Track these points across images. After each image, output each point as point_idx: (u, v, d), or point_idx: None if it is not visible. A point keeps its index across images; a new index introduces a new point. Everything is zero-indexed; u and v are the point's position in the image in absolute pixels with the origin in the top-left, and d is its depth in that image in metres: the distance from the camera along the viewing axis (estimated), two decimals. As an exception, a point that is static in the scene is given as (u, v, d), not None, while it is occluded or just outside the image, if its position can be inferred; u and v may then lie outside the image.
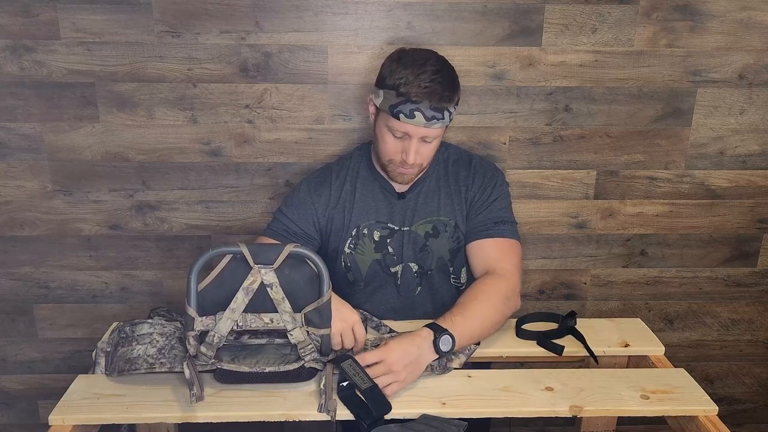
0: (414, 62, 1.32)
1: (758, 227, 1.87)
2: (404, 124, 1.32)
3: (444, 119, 1.33)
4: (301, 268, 1.22)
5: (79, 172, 1.73)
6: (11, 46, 1.61)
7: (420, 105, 1.30)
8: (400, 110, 1.31)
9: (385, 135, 1.37)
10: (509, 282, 1.38)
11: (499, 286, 1.36)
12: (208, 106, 1.68)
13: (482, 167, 1.50)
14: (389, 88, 1.32)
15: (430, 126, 1.32)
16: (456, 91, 1.35)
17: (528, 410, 1.17)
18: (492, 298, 1.34)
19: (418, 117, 1.30)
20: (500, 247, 1.44)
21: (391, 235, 1.48)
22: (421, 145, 1.36)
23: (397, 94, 1.31)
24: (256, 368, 1.18)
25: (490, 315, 1.33)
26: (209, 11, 1.60)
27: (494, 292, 1.35)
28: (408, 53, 1.36)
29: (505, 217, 1.47)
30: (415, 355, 1.20)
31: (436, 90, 1.30)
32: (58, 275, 1.82)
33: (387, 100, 1.33)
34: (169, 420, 1.15)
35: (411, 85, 1.29)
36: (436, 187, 1.48)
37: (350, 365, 1.18)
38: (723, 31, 1.68)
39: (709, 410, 1.18)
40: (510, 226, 1.46)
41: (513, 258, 1.43)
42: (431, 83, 1.29)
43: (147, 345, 1.23)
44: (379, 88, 1.36)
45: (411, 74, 1.30)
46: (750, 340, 2.00)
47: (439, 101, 1.30)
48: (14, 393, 1.95)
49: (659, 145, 1.77)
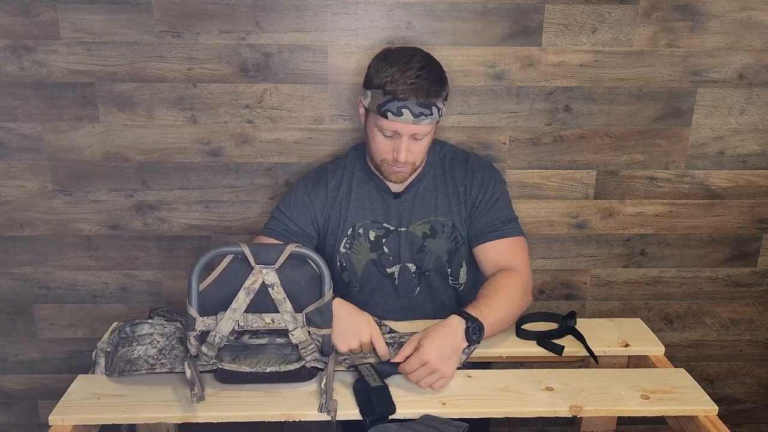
0: (399, 60, 1.32)
1: (758, 227, 1.87)
2: (393, 122, 1.31)
3: (432, 115, 1.32)
4: (302, 268, 1.22)
5: (79, 172, 1.73)
6: (11, 46, 1.61)
7: (407, 102, 1.29)
8: (388, 108, 1.30)
9: (376, 135, 1.36)
10: (523, 277, 1.41)
11: (515, 280, 1.39)
12: (208, 106, 1.68)
13: (479, 166, 1.50)
14: (376, 87, 1.32)
15: (418, 122, 1.31)
16: (444, 86, 1.35)
17: (528, 410, 1.17)
18: (512, 291, 1.36)
19: (406, 114, 1.30)
20: (510, 246, 1.45)
21: (387, 235, 1.47)
22: (412, 143, 1.35)
23: (384, 92, 1.30)
24: (257, 368, 1.18)
25: (511, 307, 1.36)
26: (209, 11, 1.60)
27: (513, 286, 1.37)
28: (393, 52, 1.36)
29: (509, 215, 1.49)
30: (452, 347, 1.22)
31: (423, 86, 1.29)
32: (58, 275, 1.82)
33: (375, 100, 1.32)
34: (170, 420, 1.15)
35: (397, 82, 1.29)
36: (432, 187, 1.48)
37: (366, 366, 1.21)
38: (723, 31, 1.68)
39: (709, 410, 1.18)
40: (515, 224, 1.48)
41: (523, 255, 1.46)
42: (417, 79, 1.29)
43: (147, 345, 1.23)
44: (367, 88, 1.36)
45: (397, 72, 1.30)
46: (750, 340, 2.00)
47: (427, 96, 1.30)
48: (14, 393, 1.95)
49: (659, 145, 1.77)
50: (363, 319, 1.29)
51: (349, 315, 1.29)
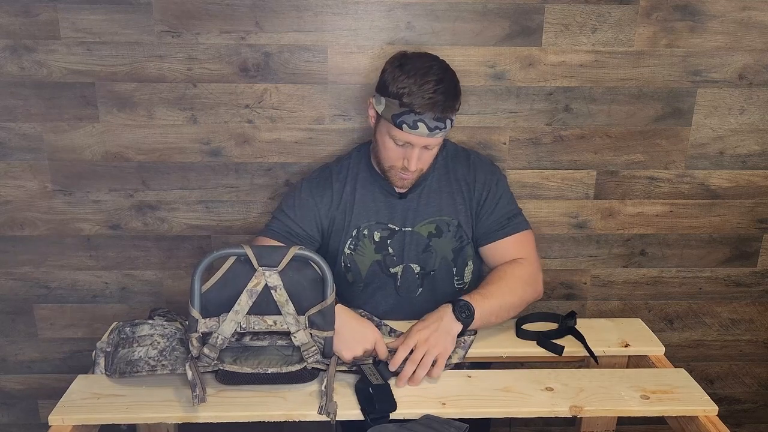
0: (417, 71, 1.30)
1: (758, 227, 1.87)
2: (407, 134, 1.31)
3: (446, 128, 1.33)
4: (305, 270, 1.22)
5: (79, 172, 1.73)
6: (11, 46, 1.61)
7: (423, 116, 1.29)
8: (404, 121, 1.30)
9: (387, 142, 1.36)
10: (526, 267, 1.41)
11: (514, 270, 1.40)
12: (208, 106, 1.68)
13: (481, 163, 1.51)
14: (392, 96, 1.31)
15: (433, 136, 1.32)
16: (458, 98, 1.35)
17: (528, 410, 1.17)
18: (511, 280, 1.38)
19: (421, 128, 1.30)
20: (516, 242, 1.46)
21: (392, 235, 1.47)
22: (423, 152, 1.36)
23: (401, 104, 1.29)
24: (259, 369, 1.18)
25: (509, 296, 1.36)
26: (209, 11, 1.60)
27: (511, 276, 1.39)
28: (410, 59, 1.34)
29: (513, 210, 1.50)
30: (438, 323, 1.25)
31: (440, 101, 1.29)
32: (58, 275, 1.82)
33: (389, 109, 1.31)
34: (169, 420, 1.15)
35: (414, 95, 1.28)
36: (437, 187, 1.48)
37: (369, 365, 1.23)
38: (723, 31, 1.68)
39: (709, 410, 1.18)
40: (520, 217, 1.49)
41: (529, 247, 1.47)
42: (434, 94, 1.28)
43: (148, 347, 1.22)
44: (381, 94, 1.34)
45: (414, 84, 1.28)
46: (750, 340, 2.00)
47: (443, 111, 1.30)
48: (14, 393, 1.95)
49: (659, 145, 1.77)
50: (366, 326, 1.29)
51: (352, 322, 1.28)
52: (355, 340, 1.26)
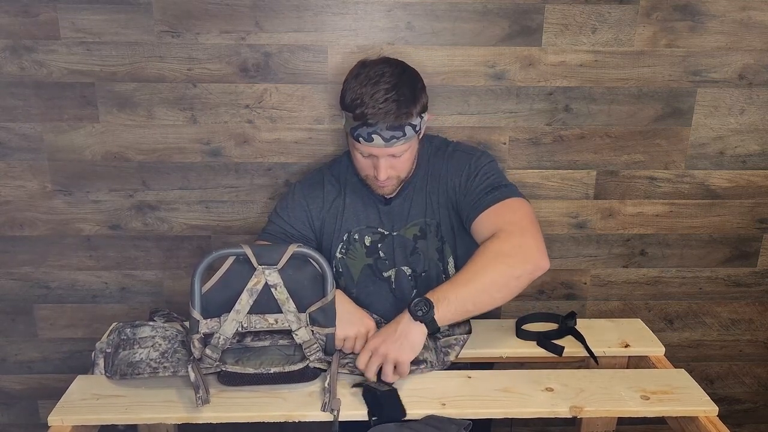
0: (369, 80, 1.27)
1: (758, 227, 1.87)
2: (365, 146, 1.29)
3: (406, 135, 1.29)
4: (304, 267, 1.22)
5: (79, 172, 1.73)
6: (11, 46, 1.61)
7: (376, 127, 1.26)
8: (359, 134, 1.28)
9: (355, 154, 1.35)
10: (504, 239, 1.26)
11: (489, 245, 1.26)
12: (208, 106, 1.68)
13: (458, 152, 1.44)
14: (348, 109, 1.29)
15: (391, 146, 1.29)
16: (416, 103, 1.29)
17: (528, 411, 1.17)
18: (482, 259, 1.24)
19: (376, 140, 1.27)
20: (495, 213, 1.32)
21: (382, 239, 1.47)
22: (392, 160, 1.32)
23: (354, 116, 1.27)
24: (261, 369, 1.18)
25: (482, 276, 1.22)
26: (209, 11, 1.60)
27: (484, 253, 1.25)
28: (365, 67, 1.30)
29: (493, 182, 1.37)
30: (394, 328, 1.21)
31: (391, 109, 1.25)
32: (58, 275, 1.82)
33: (348, 122, 1.30)
34: (169, 421, 1.15)
35: (366, 106, 1.25)
36: (421, 188, 1.45)
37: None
38: (723, 31, 1.68)
39: (709, 411, 1.18)
40: (502, 189, 1.35)
41: (511, 216, 1.31)
42: (385, 103, 1.24)
43: (149, 348, 1.22)
44: (342, 108, 1.33)
45: (365, 94, 1.25)
46: (750, 340, 2.00)
47: (396, 119, 1.26)
48: (14, 393, 1.95)
49: (659, 145, 1.77)
50: (363, 315, 1.29)
51: (349, 305, 1.29)
52: (349, 322, 1.25)
